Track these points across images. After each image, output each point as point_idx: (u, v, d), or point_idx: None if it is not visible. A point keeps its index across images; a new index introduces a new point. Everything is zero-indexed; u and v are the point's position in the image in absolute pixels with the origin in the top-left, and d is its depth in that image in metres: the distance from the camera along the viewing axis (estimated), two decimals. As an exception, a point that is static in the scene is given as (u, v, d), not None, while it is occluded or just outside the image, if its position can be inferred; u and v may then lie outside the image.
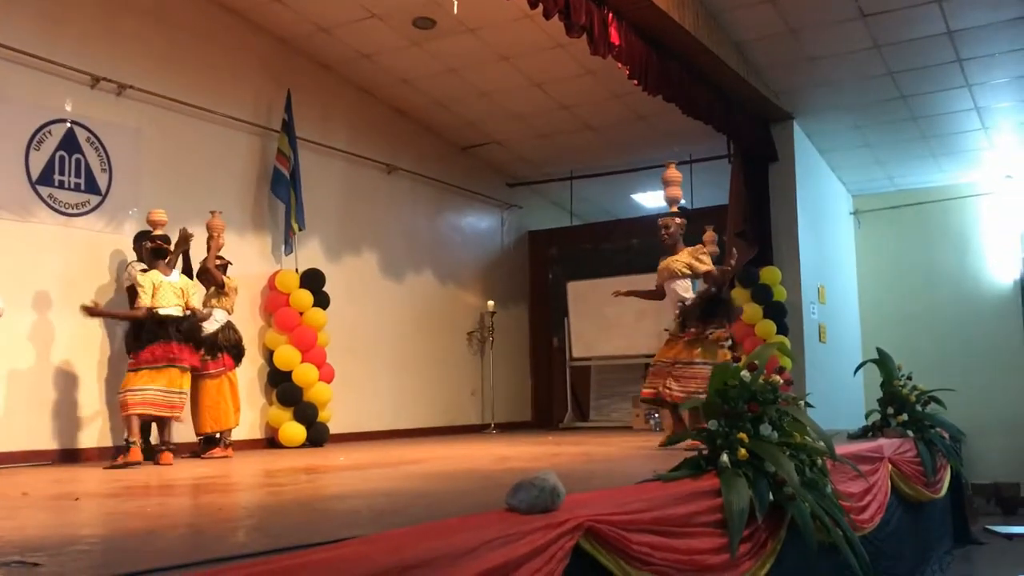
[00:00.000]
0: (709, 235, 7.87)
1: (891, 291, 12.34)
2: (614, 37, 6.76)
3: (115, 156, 7.47)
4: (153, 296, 6.47)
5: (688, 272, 6.68)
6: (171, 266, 6.75)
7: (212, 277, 7.17)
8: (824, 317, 10.51)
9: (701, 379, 6.09)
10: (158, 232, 6.74)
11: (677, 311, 6.63)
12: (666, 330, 6.86)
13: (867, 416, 7.34)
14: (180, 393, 6.53)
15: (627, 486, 3.35)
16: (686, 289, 6.72)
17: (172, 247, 6.77)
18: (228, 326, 7.21)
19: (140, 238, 7.09)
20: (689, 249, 6.78)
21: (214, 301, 7.20)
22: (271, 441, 8.48)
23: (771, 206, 10.01)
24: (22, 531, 3.06)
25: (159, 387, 6.38)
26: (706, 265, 6.60)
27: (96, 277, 7.15)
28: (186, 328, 6.59)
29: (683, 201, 7.30)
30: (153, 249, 6.65)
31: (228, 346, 7.16)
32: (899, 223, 12.44)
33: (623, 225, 12.15)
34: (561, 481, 2.64)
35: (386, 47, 8.93)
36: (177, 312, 6.56)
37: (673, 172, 7.09)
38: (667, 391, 6.31)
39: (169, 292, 6.56)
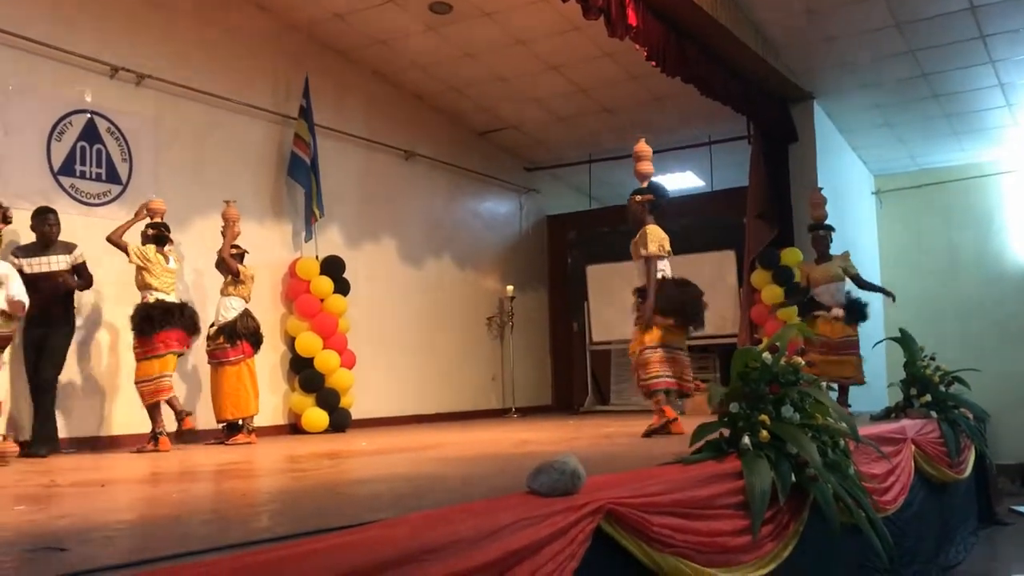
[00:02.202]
0: (817, 196, 7.93)
1: (914, 271, 12.24)
2: (631, 18, 6.71)
3: (135, 145, 7.52)
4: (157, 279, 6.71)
5: (635, 253, 6.23)
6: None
7: (228, 266, 7.24)
8: (846, 298, 10.43)
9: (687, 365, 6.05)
10: (157, 220, 6.89)
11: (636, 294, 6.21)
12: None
13: (889, 395, 7.31)
14: (169, 376, 6.70)
15: (648, 468, 3.34)
16: (660, 270, 6.18)
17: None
18: (246, 314, 7.28)
19: (40, 213, 6.50)
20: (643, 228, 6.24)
21: (231, 289, 7.28)
22: (294, 427, 8.54)
23: (792, 187, 9.92)
24: (50, 518, 3.10)
25: (168, 372, 6.63)
26: (645, 249, 6.11)
27: (117, 267, 7.15)
28: (189, 315, 6.78)
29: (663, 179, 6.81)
30: (155, 236, 6.78)
31: (246, 334, 7.23)
32: (921, 202, 12.33)
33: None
34: (581, 464, 2.64)
35: (402, 32, 8.92)
36: (174, 299, 6.77)
37: (642, 146, 6.52)
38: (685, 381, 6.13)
39: (169, 279, 6.76)
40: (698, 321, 6.10)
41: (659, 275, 6.08)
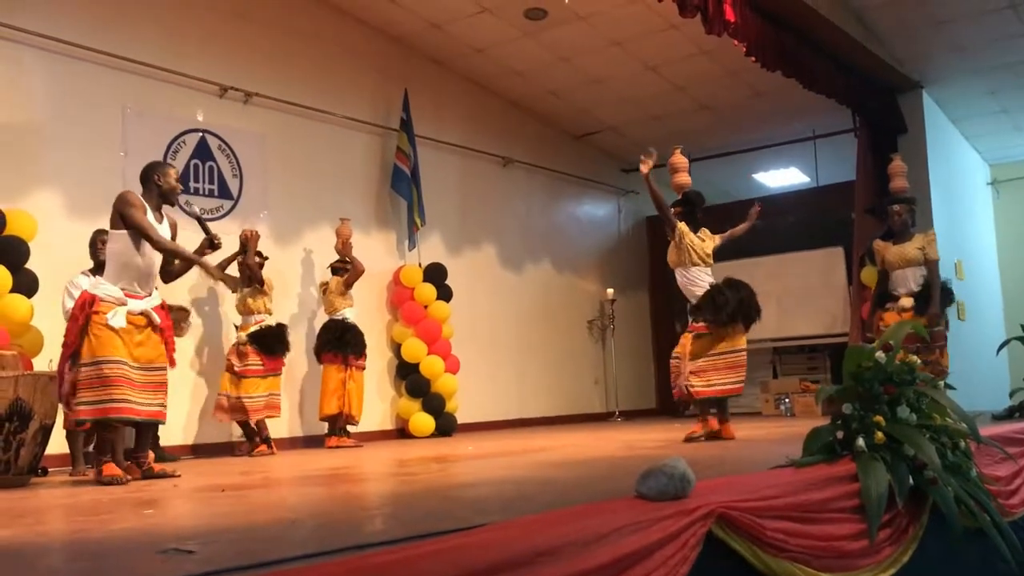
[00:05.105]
0: (897, 165, 7.67)
1: (1035, 263, 11.67)
2: (729, 14, 6.60)
3: (244, 162, 7.80)
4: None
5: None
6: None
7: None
8: (963, 294, 9.99)
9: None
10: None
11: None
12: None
13: (1012, 395, 6.97)
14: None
15: (759, 472, 3.28)
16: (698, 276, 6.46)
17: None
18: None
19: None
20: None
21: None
22: (401, 431, 8.70)
23: (901, 180, 9.58)
24: (176, 521, 3.25)
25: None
26: (677, 256, 6.50)
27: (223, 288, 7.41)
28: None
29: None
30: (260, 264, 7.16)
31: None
32: (1042, 191, 11.75)
33: (744, 206, 11.80)
34: (690, 468, 2.61)
35: (498, 40, 8.99)
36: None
37: (677, 158, 6.68)
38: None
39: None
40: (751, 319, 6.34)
41: (706, 284, 6.39)
